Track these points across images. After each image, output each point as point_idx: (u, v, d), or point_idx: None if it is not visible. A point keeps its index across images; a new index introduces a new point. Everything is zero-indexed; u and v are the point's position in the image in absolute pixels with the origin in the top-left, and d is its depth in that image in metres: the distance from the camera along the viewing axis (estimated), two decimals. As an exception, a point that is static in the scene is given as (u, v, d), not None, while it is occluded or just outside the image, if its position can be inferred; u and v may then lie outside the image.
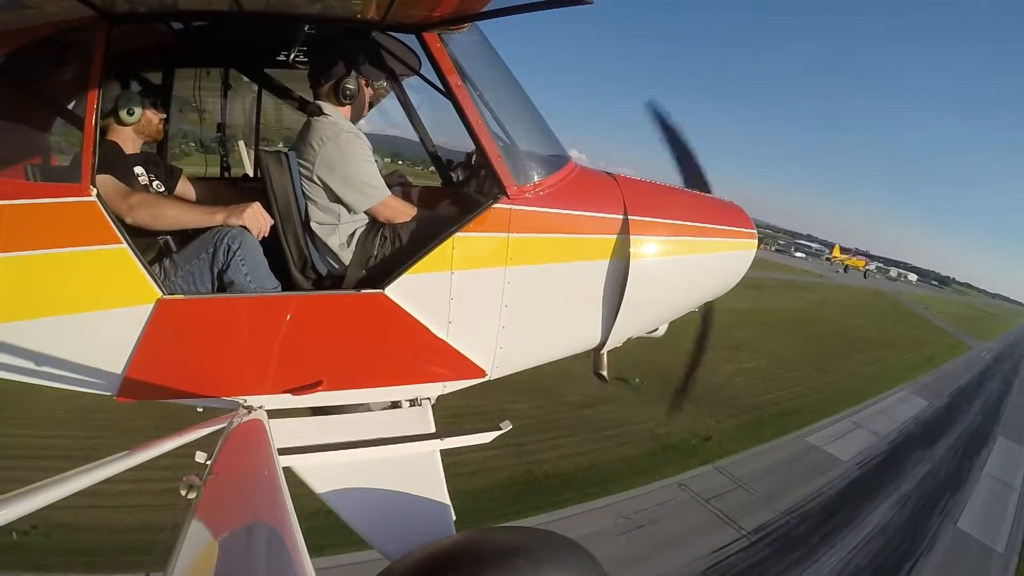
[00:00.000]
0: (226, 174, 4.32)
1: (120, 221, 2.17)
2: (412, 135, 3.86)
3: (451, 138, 3.45)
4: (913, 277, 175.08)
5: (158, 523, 11.47)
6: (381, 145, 3.27)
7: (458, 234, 2.42)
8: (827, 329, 52.47)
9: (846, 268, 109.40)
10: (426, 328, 2.47)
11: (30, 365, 2.17)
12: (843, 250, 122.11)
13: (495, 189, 2.50)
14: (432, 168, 3.95)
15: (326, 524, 2.99)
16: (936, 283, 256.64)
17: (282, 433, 2.39)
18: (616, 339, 2.93)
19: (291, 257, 2.57)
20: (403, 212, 2.64)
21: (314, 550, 1.19)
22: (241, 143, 4.97)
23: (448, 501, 2.64)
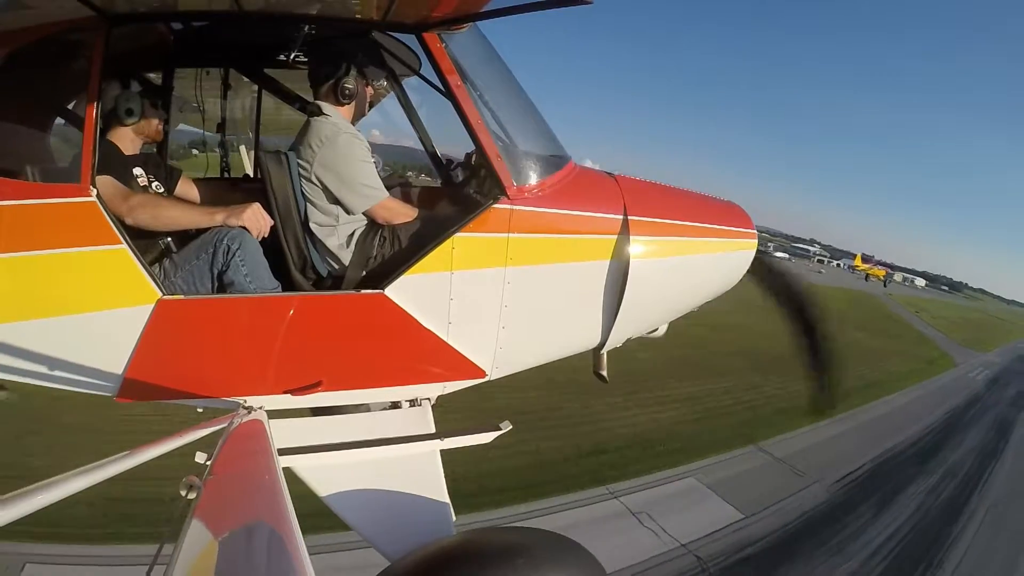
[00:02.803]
0: (226, 175, 4.32)
1: (120, 221, 2.17)
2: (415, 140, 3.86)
3: (451, 138, 3.45)
4: (921, 282, 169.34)
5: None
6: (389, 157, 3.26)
7: (458, 234, 2.42)
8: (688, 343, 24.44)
9: (867, 277, 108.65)
10: (426, 328, 2.46)
11: (30, 365, 2.17)
12: (864, 259, 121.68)
13: (495, 189, 2.49)
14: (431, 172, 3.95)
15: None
16: (946, 288, 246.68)
17: (282, 433, 2.39)
18: (616, 339, 2.93)
19: (291, 257, 2.57)
20: (401, 213, 2.64)
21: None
22: (242, 146, 4.97)
23: (448, 501, 2.64)
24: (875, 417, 23.45)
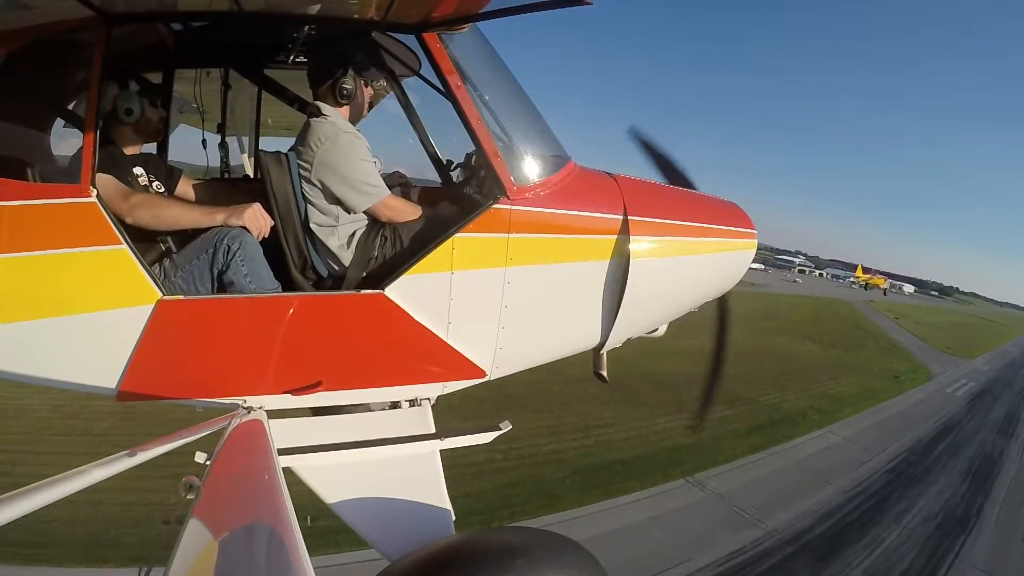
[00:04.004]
0: (226, 175, 4.31)
1: (120, 221, 2.17)
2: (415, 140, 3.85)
3: (451, 139, 3.45)
4: (909, 288, 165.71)
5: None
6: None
7: (458, 234, 2.42)
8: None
9: (866, 286, 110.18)
10: (426, 328, 2.47)
11: (30, 365, 2.17)
12: (865, 270, 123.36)
13: (495, 189, 2.50)
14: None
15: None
16: (936, 293, 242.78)
17: (282, 433, 2.39)
18: (616, 339, 2.93)
19: (291, 258, 2.58)
20: (404, 211, 2.64)
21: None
22: (244, 154, 4.95)
23: (448, 501, 2.64)
24: (770, 472, 13.53)
